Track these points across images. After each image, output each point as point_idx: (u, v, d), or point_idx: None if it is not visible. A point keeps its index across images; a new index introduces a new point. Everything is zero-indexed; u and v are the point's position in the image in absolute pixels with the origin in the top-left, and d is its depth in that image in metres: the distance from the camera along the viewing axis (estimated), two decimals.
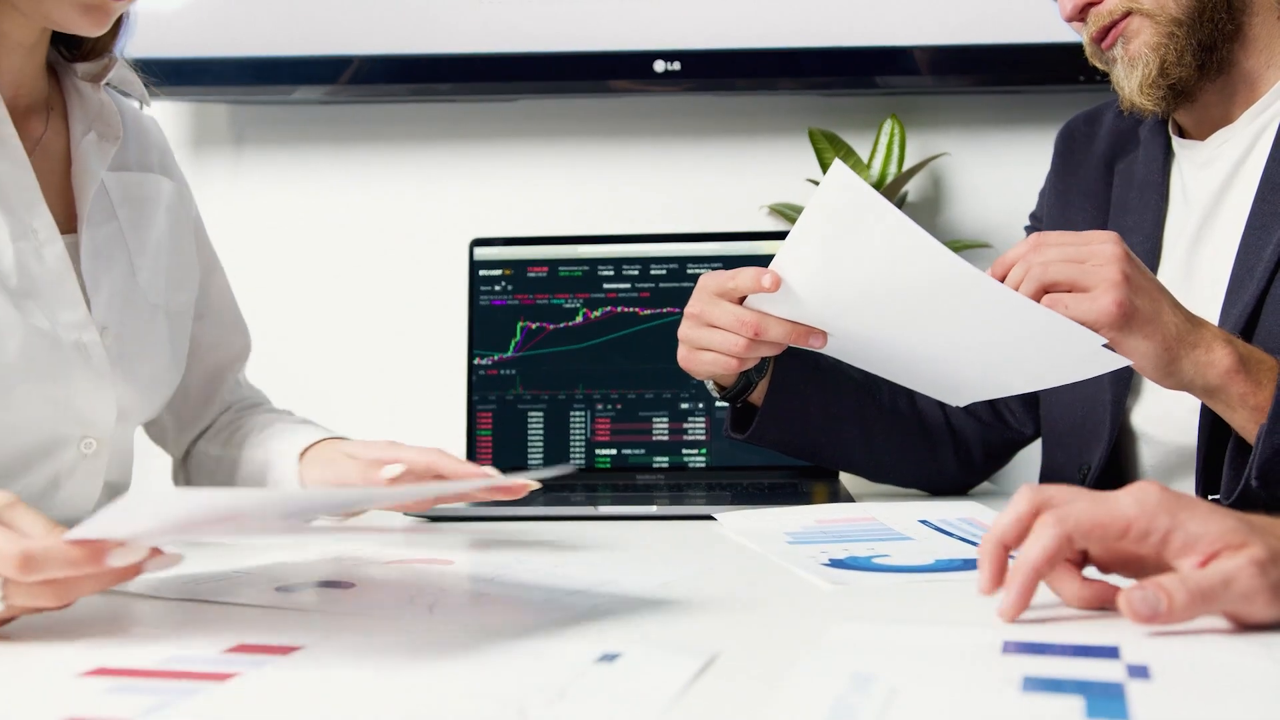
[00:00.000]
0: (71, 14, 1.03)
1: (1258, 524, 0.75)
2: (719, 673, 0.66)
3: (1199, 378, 1.06)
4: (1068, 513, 0.75)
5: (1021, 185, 1.71)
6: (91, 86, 1.17)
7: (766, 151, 2.02)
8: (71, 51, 1.17)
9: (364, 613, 0.82)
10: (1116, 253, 1.03)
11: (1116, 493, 0.76)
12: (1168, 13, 1.23)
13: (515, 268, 1.73)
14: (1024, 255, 1.07)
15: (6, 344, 1.04)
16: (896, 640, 0.72)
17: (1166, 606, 0.71)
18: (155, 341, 1.19)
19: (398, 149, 2.06)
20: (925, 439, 1.45)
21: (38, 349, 1.06)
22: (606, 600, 0.86)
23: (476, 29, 1.95)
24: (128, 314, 1.16)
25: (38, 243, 1.09)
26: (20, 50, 1.09)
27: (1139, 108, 1.27)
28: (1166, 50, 1.23)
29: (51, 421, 1.09)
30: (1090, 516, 0.75)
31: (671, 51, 1.92)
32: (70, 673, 0.66)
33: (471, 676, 0.66)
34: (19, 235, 1.07)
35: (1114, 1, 1.25)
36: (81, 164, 1.14)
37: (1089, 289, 1.03)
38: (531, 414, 1.70)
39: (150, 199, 1.23)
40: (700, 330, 1.22)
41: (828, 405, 1.39)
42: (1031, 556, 0.75)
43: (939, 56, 1.91)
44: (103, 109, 1.17)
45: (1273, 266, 1.16)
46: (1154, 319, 1.04)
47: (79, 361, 1.10)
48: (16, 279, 1.06)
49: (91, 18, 1.04)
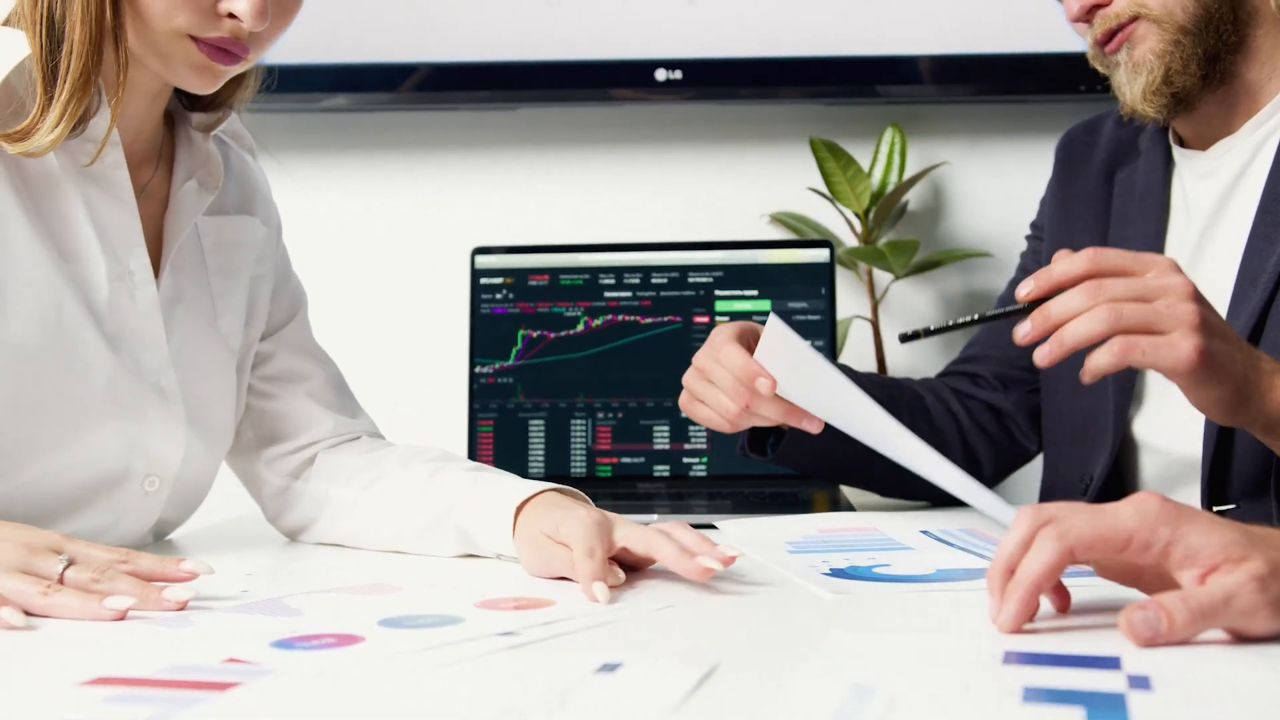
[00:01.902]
0: (181, 70, 1.06)
1: (1258, 536, 0.75)
2: (719, 682, 0.66)
3: (1260, 416, 1.02)
4: (1069, 527, 0.75)
5: (1022, 195, 1.71)
6: (202, 136, 1.19)
7: (768, 160, 2.02)
8: (191, 102, 1.19)
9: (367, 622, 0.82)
10: (1188, 290, 0.97)
11: (1117, 505, 0.76)
12: (1175, 20, 1.23)
13: (516, 276, 1.73)
14: (1081, 282, 0.98)
15: (94, 380, 1.07)
16: (896, 650, 0.72)
17: (1167, 626, 0.71)
18: (224, 386, 1.21)
19: (399, 157, 2.06)
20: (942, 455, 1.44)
21: (121, 388, 1.09)
22: (606, 610, 0.86)
23: (478, 38, 1.95)
24: (202, 359, 1.18)
25: (132, 285, 1.11)
26: (145, 98, 1.11)
27: (1139, 114, 1.27)
28: (1172, 58, 1.23)
29: (123, 459, 1.11)
30: (1091, 530, 0.75)
31: (673, 60, 1.93)
32: (70, 681, 0.66)
33: (472, 686, 0.66)
34: (116, 276, 1.10)
35: (1122, 4, 1.24)
36: (176, 210, 1.16)
37: (1165, 332, 0.96)
38: (532, 422, 1.70)
39: (244, 243, 1.24)
40: (701, 384, 1.23)
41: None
42: (1032, 570, 0.75)
43: (940, 66, 1.91)
44: (209, 159, 1.19)
45: (1276, 277, 1.16)
46: (1228, 363, 0.98)
47: (157, 403, 1.12)
48: (109, 318, 1.09)
49: (201, 77, 1.06)
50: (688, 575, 0.93)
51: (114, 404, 1.08)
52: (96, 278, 1.08)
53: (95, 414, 1.07)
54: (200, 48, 1.04)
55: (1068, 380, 1.40)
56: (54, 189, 1.07)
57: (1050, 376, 1.43)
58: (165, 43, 1.03)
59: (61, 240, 1.07)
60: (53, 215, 1.07)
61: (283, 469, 1.26)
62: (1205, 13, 1.22)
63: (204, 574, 0.90)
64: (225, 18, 1.03)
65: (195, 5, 1.02)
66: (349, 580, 1.00)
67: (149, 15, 1.02)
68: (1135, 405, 1.32)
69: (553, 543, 1.00)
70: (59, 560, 0.86)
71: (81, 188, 1.08)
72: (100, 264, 1.08)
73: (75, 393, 1.06)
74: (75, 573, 0.86)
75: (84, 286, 1.08)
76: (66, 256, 1.07)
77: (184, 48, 1.04)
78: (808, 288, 1.69)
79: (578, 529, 0.97)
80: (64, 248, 1.07)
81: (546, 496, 1.07)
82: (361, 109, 2.01)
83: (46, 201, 1.06)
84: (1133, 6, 1.24)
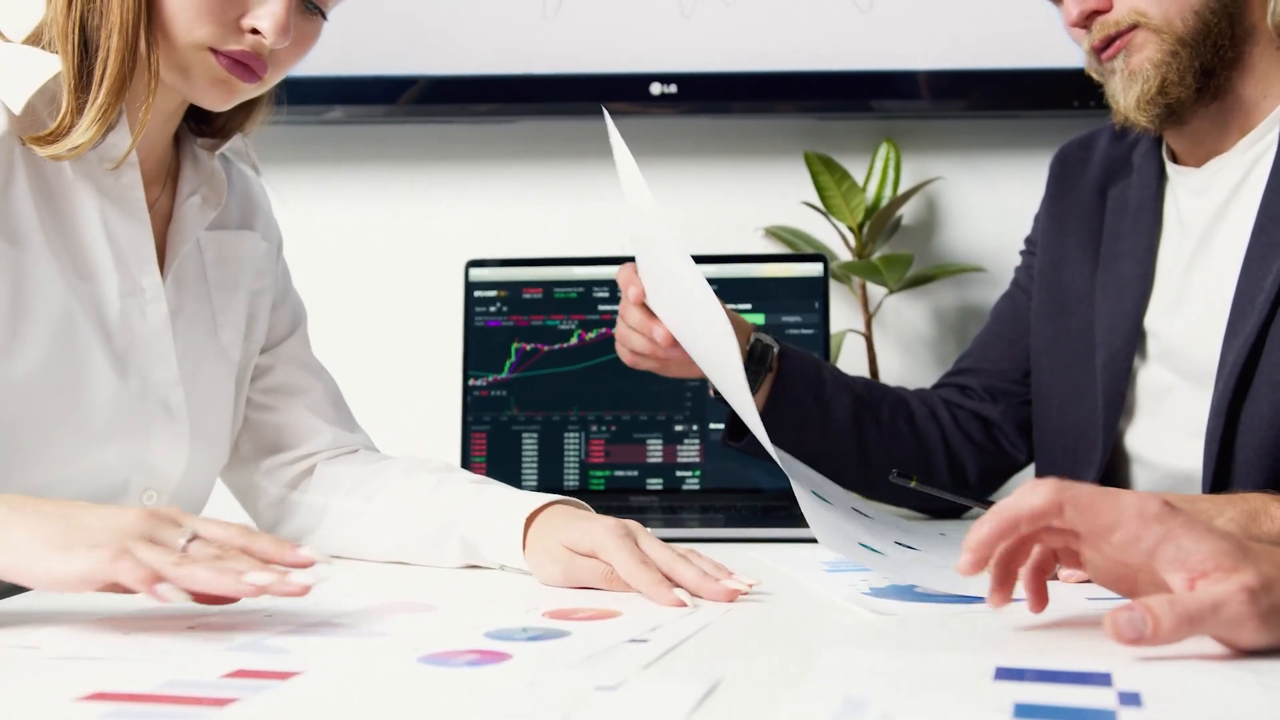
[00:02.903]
0: (200, 84, 1.07)
1: (1253, 549, 0.75)
2: (720, 700, 0.66)
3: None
4: (1069, 484, 0.75)
5: (1016, 210, 1.72)
6: (207, 154, 1.20)
7: (762, 174, 2.03)
8: (200, 127, 1.21)
9: (362, 639, 0.82)
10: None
11: (1125, 492, 0.76)
12: (1174, 31, 1.23)
13: (510, 289, 1.74)
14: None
15: (97, 400, 1.07)
16: (890, 666, 0.73)
17: (1152, 629, 0.71)
18: (224, 399, 1.21)
19: (394, 169, 2.07)
20: (922, 459, 1.45)
21: (126, 406, 1.09)
22: (604, 628, 0.86)
23: (474, 51, 1.96)
24: (203, 371, 1.18)
25: (143, 301, 1.12)
26: (160, 119, 1.12)
27: (1132, 123, 1.28)
28: (1168, 69, 1.23)
29: (124, 472, 1.11)
30: (1089, 497, 0.75)
31: (668, 74, 1.93)
32: (68, 697, 0.66)
33: (470, 704, 0.66)
34: (128, 292, 1.11)
35: (1122, 12, 1.24)
36: (179, 224, 1.17)
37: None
38: (526, 435, 1.70)
39: (245, 258, 1.25)
40: (621, 327, 1.33)
41: (826, 418, 1.40)
42: (1017, 504, 0.76)
43: (934, 81, 1.92)
44: (213, 175, 1.20)
45: (1273, 297, 1.16)
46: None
47: (162, 419, 1.13)
48: (119, 335, 1.10)
49: (218, 91, 1.08)
50: (712, 598, 0.94)
51: (119, 423, 1.09)
52: (109, 294, 1.09)
53: (100, 434, 1.08)
54: (220, 61, 1.05)
55: (1059, 395, 1.41)
56: (74, 207, 1.08)
57: (1042, 391, 1.44)
58: (187, 56, 1.05)
59: (77, 257, 1.08)
60: (71, 232, 1.08)
61: (280, 479, 1.26)
62: (1204, 26, 1.23)
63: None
64: (248, 33, 1.05)
65: (219, 18, 1.03)
66: (379, 598, 1.00)
67: (172, 28, 1.03)
68: (1126, 418, 1.32)
69: (576, 554, 1.01)
70: (181, 533, 0.84)
71: (99, 205, 1.09)
72: (113, 279, 1.09)
73: (81, 412, 1.07)
74: (199, 548, 0.83)
75: (96, 303, 1.09)
76: (81, 274, 1.08)
77: (204, 61, 1.05)
78: (801, 301, 1.70)
79: (612, 541, 0.98)
80: (79, 265, 1.08)
81: (557, 508, 1.08)
82: (358, 121, 2.01)
83: (67, 219, 1.08)
84: (1132, 15, 1.24)
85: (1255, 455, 1.17)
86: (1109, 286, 1.35)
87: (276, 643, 0.79)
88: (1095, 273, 1.38)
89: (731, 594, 0.94)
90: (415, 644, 0.79)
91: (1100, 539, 0.76)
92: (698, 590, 0.95)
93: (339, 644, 0.80)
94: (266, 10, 1.04)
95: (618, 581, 0.98)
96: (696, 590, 0.95)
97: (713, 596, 0.94)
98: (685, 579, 0.96)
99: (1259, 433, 1.16)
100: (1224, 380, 1.19)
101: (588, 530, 1.01)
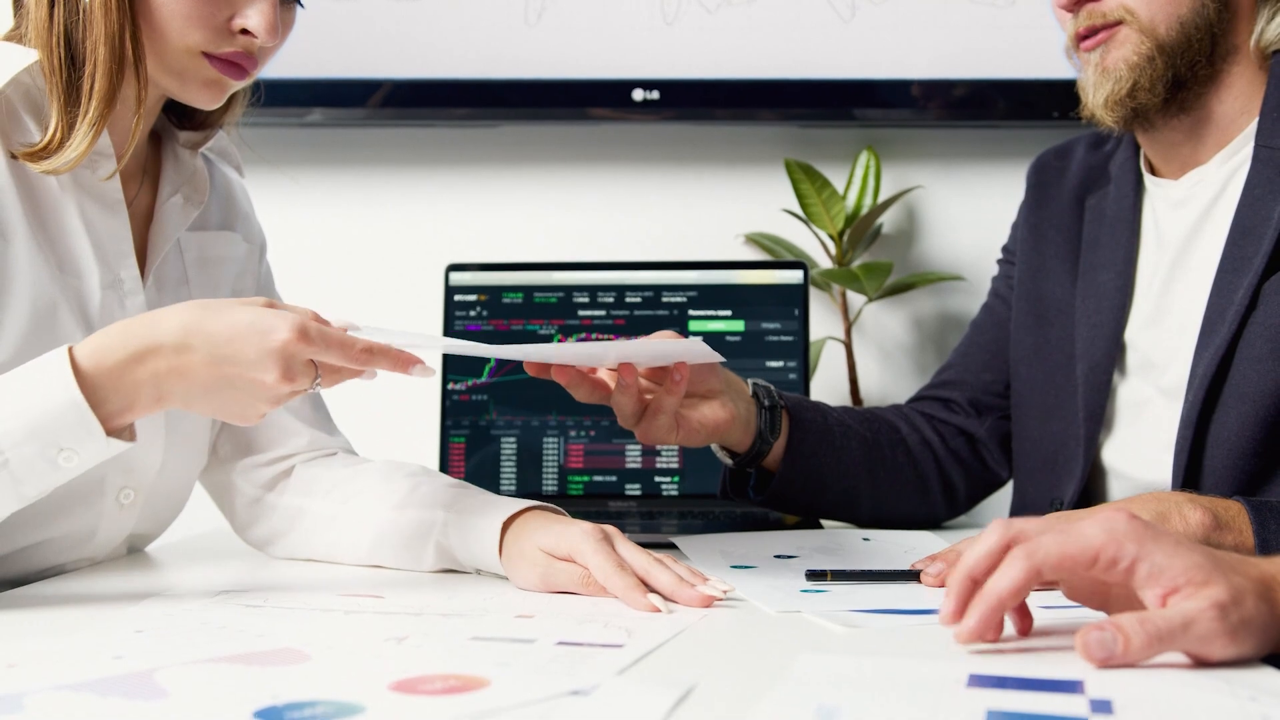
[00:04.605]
0: (194, 86, 1.08)
1: (1224, 561, 0.75)
2: (693, 706, 0.66)
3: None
4: (1037, 546, 0.76)
5: (995, 219, 1.73)
6: (189, 153, 1.20)
7: (743, 181, 2.03)
8: (181, 120, 1.21)
9: (337, 647, 0.82)
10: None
11: (1085, 520, 0.76)
12: (1157, 35, 1.23)
13: (490, 293, 1.74)
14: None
15: None
16: (863, 673, 0.73)
17: (1123, 648, 0.72)
18: None
19: (374, 173, 2.06)
20: (920, 484, 1.45)
21: None
22: (578, 632, 0.86)
23: (456, 55, 1.96)
24: None
25: (122, 293, 1.12)
26: (137, 114, 1.12)
27: (1097, 120, 1.29)
28: (1141, 73, 1.24)
29: (99, 470, 1.10)
30: (1059, 550, 0.75)
31: (650, 80, 1.94)
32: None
33: (443, 710, 0.66)
34: (108, 285, 1.11)
35: (1111, 4, 1.25)
36: (160, 224, 1.17)
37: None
38: (505, 439, 1.70)
39: (226, 259, 1.25)
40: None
41: (840, 465, 1.38)
42: (999, 587, 0.76)
43: (916, 90, 1.93)
44: (195, 175, 1.20)
45: (1243, 311, 1.17)
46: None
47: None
48: (99, 327, 1.08)
49: (209, 92, 1.09)
50: (687, 603, 0.94)
51: None
52: (90, 287, 1.09)
53: None
54: (213, 63, 1.07)
55: (1039, 406, 1.41)
56: (55, 202, 1.08)
57: (1022, 402, 1.44)
58: (180, 61, 1.06)
59: (59, 251, 1.08)
60: (54, 227, 1.08)
61: (257, 480, 1.26)
62: (1186, 39, 1.24)
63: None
64: (238, 34, 1.06)
65: (210, 22, 1.05)
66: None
67: (165, 34, 1.04)
68: (1106, 432, 1.32)
69: (553, 558, 1.01)
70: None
71: (78, 199, 1.09)
72: (94, 272, 1.10)
73: None
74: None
75: (78, 297, 1.09)
76: (64, 268, 1.08)
77: (198, 64, 1.07)
78: (781, 309, 1.70)
79: (589, 545, 0.99)
80: (62, 259, 1.08)
81: (535, 513, 1.08)
82: (338, 124, 2.01)
83: (50, 214, 1.08)
84: (1121, 10, 1.24)
85: (1224, 467, 1.17)
86: (1088, 297, 1.36)
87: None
88: (1075, 282, 1.39)
89: (707, 600, 0.94)
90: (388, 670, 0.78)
91: (1078, 576, 0.78)
92: (673, 595, 0.95)
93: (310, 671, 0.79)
94: (256, 10, 1.05)
95: (594, 586, 0.98)
96: (672, 595, 0.95)
97: (688, 602, 0.94)
98: (661, 584, 0.96)
99: (1227, 444, 1.17)
100: (1194, 392, 1.19)
101: (565, 534, 1.01)
